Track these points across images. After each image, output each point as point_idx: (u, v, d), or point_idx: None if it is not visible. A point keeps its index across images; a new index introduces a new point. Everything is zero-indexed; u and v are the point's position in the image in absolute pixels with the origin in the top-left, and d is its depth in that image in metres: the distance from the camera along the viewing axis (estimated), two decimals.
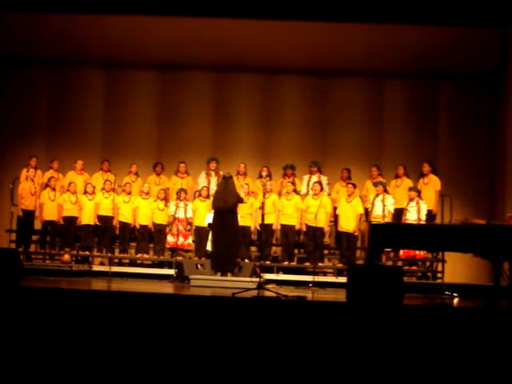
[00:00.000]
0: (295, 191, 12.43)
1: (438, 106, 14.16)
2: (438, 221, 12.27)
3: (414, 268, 12.04)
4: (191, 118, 14.44)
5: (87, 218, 12.59)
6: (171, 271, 11.63)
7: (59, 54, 14.02)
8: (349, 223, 12.01)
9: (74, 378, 6.36)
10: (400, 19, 11.89)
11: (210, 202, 11.87)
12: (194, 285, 10.25)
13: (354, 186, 12.26)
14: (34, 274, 10.83)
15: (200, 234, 12.24)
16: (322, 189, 12.21)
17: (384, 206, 11.82)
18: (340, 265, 12.16)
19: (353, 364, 6.35)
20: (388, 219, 11.77)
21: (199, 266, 11.63)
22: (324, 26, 12.28)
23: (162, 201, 12.61)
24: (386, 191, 12.02)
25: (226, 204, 10.84)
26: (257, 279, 8.95)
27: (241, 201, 11.19)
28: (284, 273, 12.10)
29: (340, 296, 8.42)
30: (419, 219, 11.67)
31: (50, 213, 12.63)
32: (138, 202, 12.65)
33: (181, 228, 12.15)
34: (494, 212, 13.15)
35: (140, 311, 6.79)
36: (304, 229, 12.20)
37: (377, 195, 11.96)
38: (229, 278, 10.58)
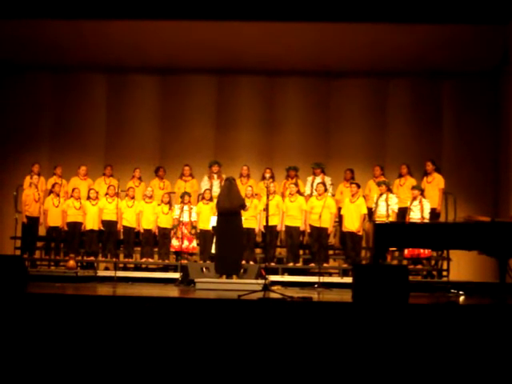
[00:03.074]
0: (298, 192, 12.43)
1: (440, 105, 14.15)
2: (442, 219, 12.26)
3: (419, 267, 12.02)
4: (193, 122, 14.44)
5: (91, 224, 12.61)
6: (176, 275, 11.62)
7: (61, 60, 14.04)
8: (353, 223, 12.01)
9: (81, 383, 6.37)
10: (401, 18, 11.91)
11: (213, 204, 11.88)
12: (199, 288, 10.23)
13: (358, 185, 12.26)
14: (39, 280, 10.82)
15: (204, 237, 12.25)
16: (325, 189, 12.20)
17: (388, 205, 11.84)
18: (345, 265, 12.14)
19: (360, 364, 6.34)
20: (392, 218, 11.77)
21: (204, 269, 11.62)
22: (325, 26, 12.30)
23: (167, 204, 12.62)
24: (389, 190, 12.04)
25: (231, 205, 10.81)
26: (262, 281, 8.95)
27: (244, 207, 11.13)
28: (289, 274, 12.08)
29: (346, 296, 8.41)
30: (423, 218, 11.66)
31: (54, 219, 12.65)
32: (142, 207, 12.65)
33: (185, 231, 12.16)
34: (498, 209, 13.14)
35: (146, 315, 6.78)
36: (308, 230, 12.18)
37: (380, 195, 11.98)
38: (234, 280, 10.56)
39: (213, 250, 11.62)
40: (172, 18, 12.18)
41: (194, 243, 12.38)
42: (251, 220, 12.12)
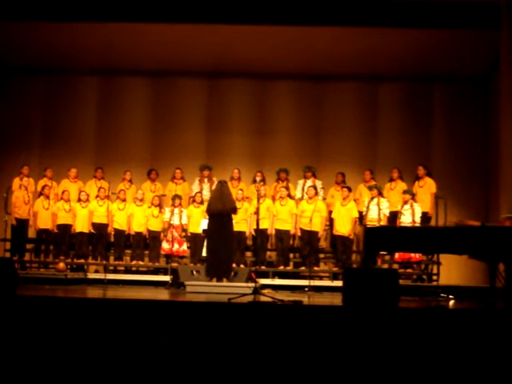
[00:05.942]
0: (289, 196, 12.42)
1: (431, 109, 14.17)
2: (432, 223, 12.28)
3: (410, 271, 12.04)
4: (184, 125, 14.42)
5: (81, 226, 12.56)
6: (166, 278, 11.61)
7: (52, 63, 13.98)
8: (344, 227, 12.02)
9: None
10: (392, 23, 11.91)
11: (204, 207, 11.83)
12: (189, 291, 10.24)
13: (350, 189, 12.28)
14: (29, 282, 10.80)
15: (195, 240, 12.23)
16: (316, 193, 12.21)
17: (379, 209, 11.84)
18: (336, 269, 12.15)
19: (350, 368, 6.33)
20: (383, 222, 11.78)
21: (194, 272, 11.61)
22: (317, 30, 12.30)
23: (157, 207, 12.59)
24: (380, 194, 12.05)
25: (224, 207, 10.81)
26: (252, 284, 8.94)
27: (235, 210, 11.11)
28: (280, 277, 12.09)
29: (336, 300, 8.41)
30: (414, 222, 11.68)
31: (44, 221, 12.60)
32: (132, 209, 12.62)
33: (176, 234, 12.13)
34: (488, 213, 13.16)
35: (136, 318, 6.76)
36: (299, 233, 12.18)
37: (372, 199, 11.99)
38: (224, 283, 10.56)
39: (204, 254, 11.60)
40: (163, 20, 12.14)
41: (185, 246, 12.36)
42: (242, 223, 12.09)
